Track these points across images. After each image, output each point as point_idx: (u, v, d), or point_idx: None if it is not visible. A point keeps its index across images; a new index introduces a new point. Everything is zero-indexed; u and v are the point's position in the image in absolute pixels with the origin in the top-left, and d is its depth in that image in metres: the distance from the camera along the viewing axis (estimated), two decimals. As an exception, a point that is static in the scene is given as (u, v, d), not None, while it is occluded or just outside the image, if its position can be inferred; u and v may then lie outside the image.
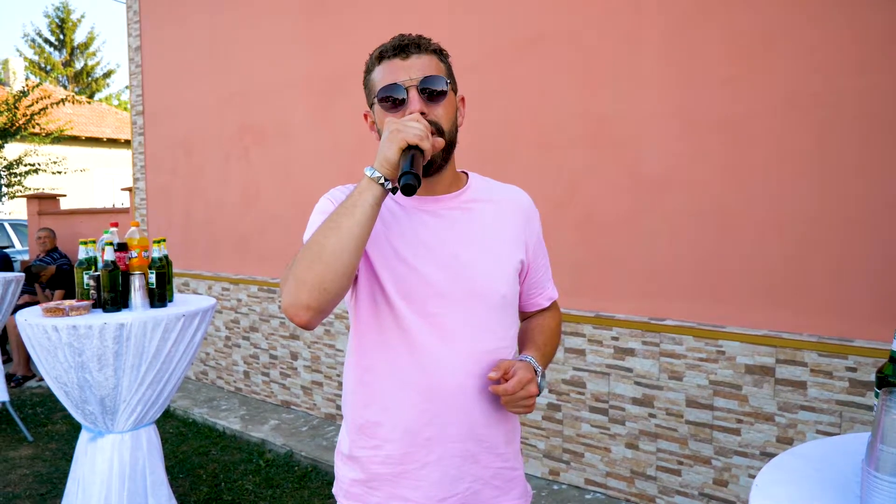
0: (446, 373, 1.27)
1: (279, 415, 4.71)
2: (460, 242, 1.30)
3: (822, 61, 2.63)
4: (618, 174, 3.18)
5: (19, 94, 10.55)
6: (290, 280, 1.13)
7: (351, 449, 1.35)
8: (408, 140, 1.13)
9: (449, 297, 1.27)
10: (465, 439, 1.29)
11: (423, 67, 1.26)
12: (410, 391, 1.27)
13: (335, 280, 1.11)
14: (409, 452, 1.28)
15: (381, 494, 1.31)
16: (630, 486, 3.18)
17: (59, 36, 26.16)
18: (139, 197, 6.26)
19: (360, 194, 1.15)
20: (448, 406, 1.27)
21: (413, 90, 1.25)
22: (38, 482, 3.74)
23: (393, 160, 1.13)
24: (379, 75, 1.29)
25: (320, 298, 1.11)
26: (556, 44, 3.35)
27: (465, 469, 1.30)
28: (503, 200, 1.40)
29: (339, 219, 1.13)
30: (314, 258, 1.12)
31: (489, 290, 1.30)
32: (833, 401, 2.63)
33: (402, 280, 1.26)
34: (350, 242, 1.12)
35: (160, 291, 2.71)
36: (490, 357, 1.30)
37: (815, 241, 2.67)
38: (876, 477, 0.84)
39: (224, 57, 5.27)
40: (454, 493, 1.30)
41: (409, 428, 1.28)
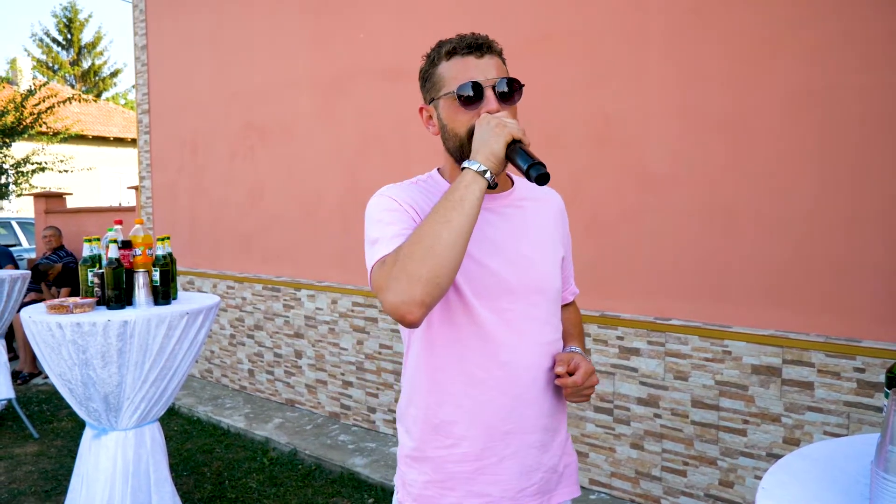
0: (521, 366, 1.31)
1: (283, 413, 4.71)
2: (521, 239, 1.36)
3: (825, 60, 2.61)
4: (623, 173, 3.16)
5: (26, 92, 10.59)
6: (399, 278, 1.11)
7: (423, 450, 1.35)
8: (513, 134, 1.18)
9: (516, 291, 1.31)
10: (538, 430, 1.34)
11: (497, 68, 1.30)
12: (487, 386, 1.30)
13: (448, 274, 1.12)
14: (487, 447, 1.30)
15: (457, 493, 1.32)
16: (635, 486, 3.16)
17: (67, 35, 26.26)
18: (145, 195, 6.28)
19: (467, 188, 1.15)
20: (523, 398, 1.31)
21: (489, 90, 1.27)
22: (44, 479, 3.75)
23: (500, 154, 1.17)
24: (450, 71, 1.30)
25: (433, 293, 1.12)
26: (560, 44, 3.33)
27: (540, 459, 1.35)
28: (543, 199, 1.48)
29: (449, 213, 1.13)
30: (426, 253, 1.11)
31: (548, 284, 1.37)
32: (840, 402, 2.61)
33: (474, 277, 1.28)
34: (462, 236, 1.13)
35: (164, 289, 2.70)
36: (551, 348, 1.36)
37: (822, 240, 2.65)
38: (885, 478, 0.82)
39: (229, 55, 5.28)
40: (530, 484, 1.34)
41: (488, 423, 1.30)
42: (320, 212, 4.55)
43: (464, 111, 1.27)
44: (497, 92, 1.28)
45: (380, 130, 4.20)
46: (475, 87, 1.26)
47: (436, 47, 1.34)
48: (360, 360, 4.36)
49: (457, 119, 1.28)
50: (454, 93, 1.27)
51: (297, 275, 4.79)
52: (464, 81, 1.26)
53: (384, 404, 4.23)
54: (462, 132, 1.28)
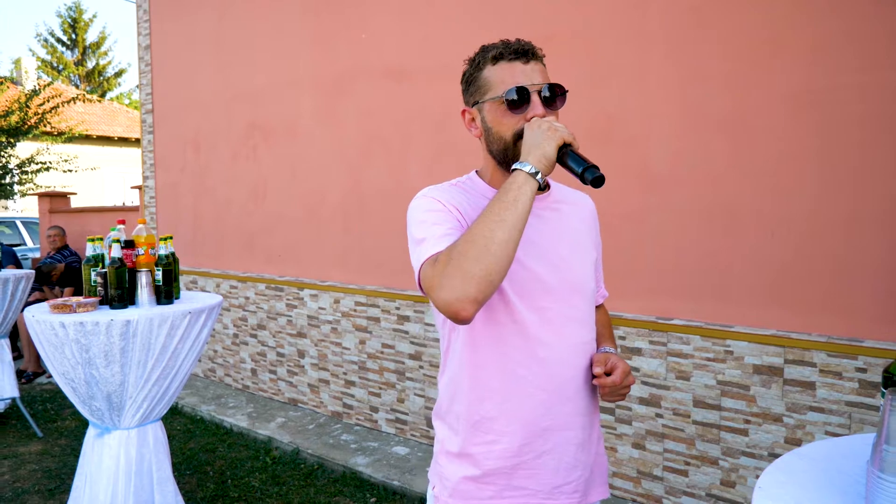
0: (560, 364, 1.34)
1: (286, 412, 4.72)
2: (559, 240, 1.39)
3: (826, 59, 2.60)
4: (625, 173, 3.16)
5: (31, 92, 10.62)
6: (454, 276, 1.14)
7: (463, 447, 1.37)
8: (564, 138, 1.22)
9: (555, 291, 1.34)
10: (576, 427, 1.37)
11: (542, 74, 1.34)
12: (527, 384, 1.32)
13: (500, 272, 1.16)
14: (527, 444, 1.33)
15: (494, 488, 1.35)
16: (637, 486, 3.16)
17: (72, 35, 26.34)
18: (148, 195, 6.29)
19: (520, 189, 1.18)
20: (562, 396, 1.34)
21: (536, 95, 1.31)
22: (47, 477, 3.77)
23: (552, 157, 1.22)
24: (497, 75, 1.33)
25: (487, 291, 1.15)
26: (563, 43, 3.33)
27: (579, 456, 1.38)
28: (578, 203, 1.52)
29: (503, 213, 1.16)
30: (482, 252, 1.14)
31: (584, 284, 1.41)
32: (842, 402, 2.60)
33: (516, 277, 1.31)
34: (515, 235, 1.16)
35: (167, 288, 2.71)
36: (588, 348, 1.40)
37: (824, 240, 2.64)
38: (881, 478, 0.83)
39: (232, 55, 5.29)
40: (568, 481, 1.36)
41: (527, 420, 1.33)
42: (323, 211, 4.56)
43: (510, 115, 1.31)
44: (543, 97, 1.31)
45: (382, 130, 4.21)
46: (522, 91, 1.29)
47: (480, 51, 1.38)
48: (362, 359, 4.37)
49: (503, 122, 1.32)
50: (501, 97, 1.31)
51: (299, 274, 4.80)
52: (511, 86, 1.30)
53: (386, 404, 4.24)
54: (508, 136, 1.32)
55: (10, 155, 10.59)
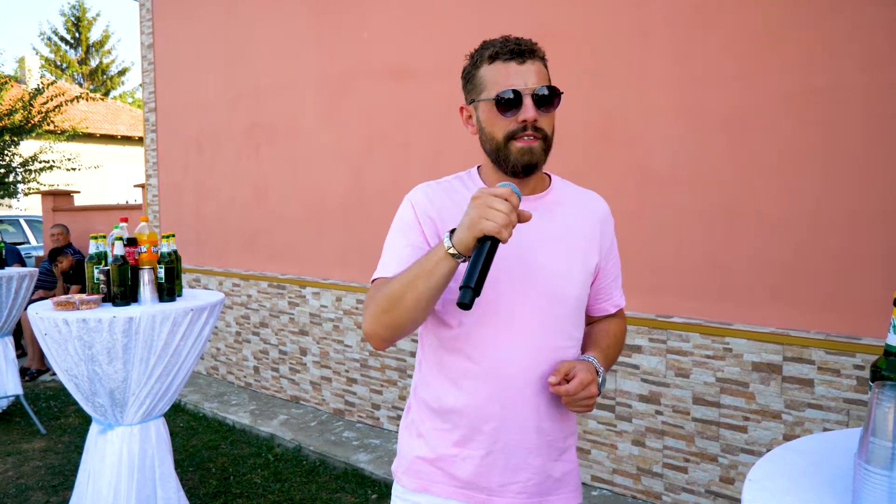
0: (519, 366, 1.32)
1: (288, 410, 4.74)
2: (541, 242, 1.35)
3: (827, 58, 2.61)
4: (624, 171, 3.17)
5: (34, 91, 10.66)
6: (371, 311, 1.27)
7: (422, 428, 1.41)
8: (485, 231, 1.12)
9: (524, 294, 1.32)
10: (529, 431, 1.35)
11: (537, 75, 1.31)
12: (482, 381, 1.33)
13: (409, 325, 1.25)
14: (476, 440, 1.34)
15: (442, 474, 1.38)
16: (636, 482, 3.17)
17: (75, 34, 26.41)
18: (151, 193, 6.32)
19: (437, 264, 1.19)
20: (516, 398, 1.33)
21: (528, 97, 1.29)
22: (51, 474, 3.79)
23: (469, 245, 1.15)
24: (491, 75, 1.32)
25: (394, 335, 1.27)
26: (562, 42, 3.34)
27: (528, 460, 1.36)
28: (583, 204, 1.48)
29: (417, 281, 1.21)
30: (391, 306, 1.24)
31: (563, 290, 1.36)
32: (840, 399, 2.61)
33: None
34: (424, 302, 1.22)
35: (169, 286, 2.73)
36: (558, 354, 1.36)
37: (823, 238, 2.65)
38: (867, 469, 0.84)
39: (235, 54, 5.31)
40: (515, 482, 1.36)
41: (480, 416, 1.33)
42: (325, 210, 4.58)
43: (502, 117, 1.30)
44: (535, 99, 1.29)
45: (384, 129, 4.22)
46: (514, 94, 1.28)
47: (479, 48, 1.37)
48: (364, 357, 4.39)
49: (495, 124, 1.31)
50: (493, 98, 1.30)
51: (301, 273, 4.82)
52: (504, 87, 1.29)
53: (388, 401, 4.26)
54: (499, 137, 1.31)
55: (13, 153, 10.63)
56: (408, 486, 1.42)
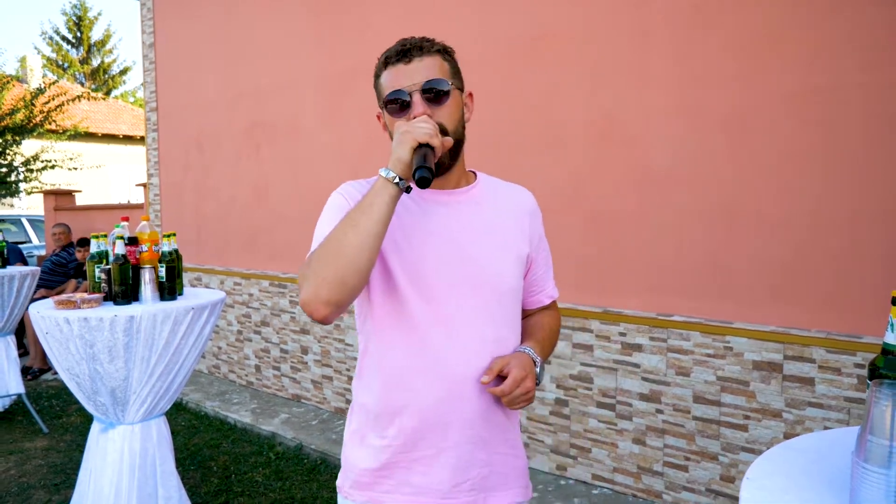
0: (458, 361, 1.30)
1: (290, 408, 4.75)
2: (470, 233, 1.35)
3: (827, 58, 2.61)
4: (625, 171, 3.17)
5: (36, 90, 10.67)
6: (309, 276, 1.17)
7: (365, 438, 1.37)
8: (417, 139, 1.18)
9: (458, 286, 1.31)
10: (476, 426, 1.33)
11: (425, 71, 1.30)
12: (426, 378, 1.30)
13: (354, 276, 1.16)
14: (425, 438, 1.31)
15: (391, 483, 1.34)
16: (637, 481, 3.18)
17: (77, 33, 26.42)
18: (153, 193, 6.33)
19: (377, 194, 1.18)
20: (458, 393, 1.31)
21: (416, 94, 1.29)
22: (53, 472, 3.80)
23: (406, 160, 1.18)
24: (386, 80, 1.34)
25: (340, 294, 1.16)
26: (563, 41, 3.35)
27: (477, 455, 1.34)
28: (510, 198, 1.46)
29: (358, 217, 1.17)
30: (334, 255, 1.16)
31: (496, 279, 1.35)
32: (841, 397, 2.61)
33: (412, 269, 1.30)
34: (368, 239, 1.16)
35: (170, 285, 2.74)
36: (498, 345, 1.34)
37: (823, 237, 2.65)
38: (865, 468, 0.84)
39: (236, 54, 5.31)
40: (466, 479, 1.33)
41: (427, 414, 1.31)
42: (326, 209, 4.57)
43: (396, 119, 1.31)
44: (423, 96, 1.29)
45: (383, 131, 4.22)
46: (396, 94, 1.30)
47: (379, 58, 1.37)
48: (365, 355, 4.39)
49: (394, 126, 1.31)
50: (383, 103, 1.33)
51: (302, 271, 4.82)
52: (391, 89, 1.31)
53: (389, 400, 4.26)
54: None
55: (15, 153, 10.64)
56: (357, 500, 1.37)
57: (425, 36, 1.35)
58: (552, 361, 3.42)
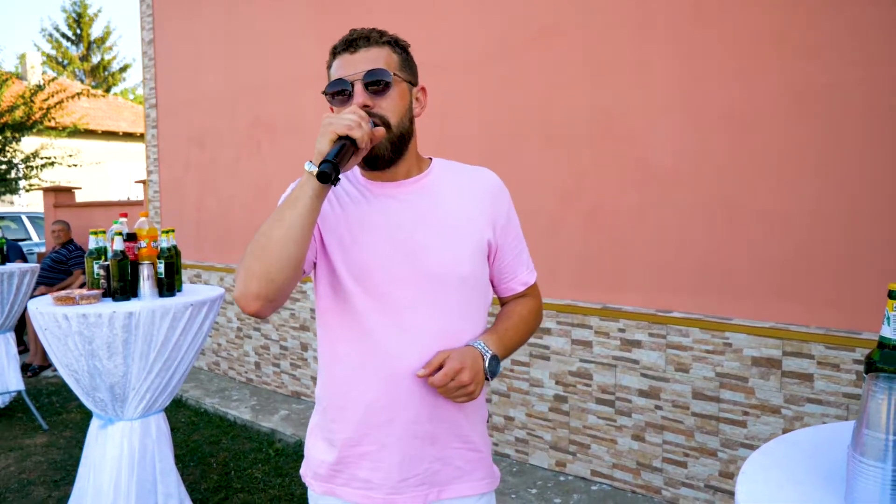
0: (401, 355, 1.28)
1: (289, 405, 4.75)
2: (417, 224, 1.31)
3: (828, 55, 2.61)
4: (625, 167, 3.17)
5: (35, 87, 10.66)
6: (240, 271, 1.18)
7: (319, 430, 1.40)
8: (337, 131, 1.16)
9: (402, 278, 1.29)
10: (423, 421, 1.30)
11: (369, 61, 1.28)
12: (368, 373, 1.29)
13: (281, 270, 1.16)
14: (368, 434, 1.31)
15: (344, 476, 1.35)
16: (636, 477, 3.18)
17: (76, 30, 26.37)
18: (153, 190, 6.33)
19: (301, 188, 1.18)
20: (405, 388, 1.28)
21: (358, 84, 1.27)
22: (53, 469, 3.81)
23: (325, 152, 1.16)
24: (332, 70, 1.33)
25: (268, 288, 1.16)
26: (563, 38, 3.34)
27: (425, 450, 1.32)
28: (467, 182, 1.40)
29: (283, 212, 1.17)
30: (261, 250, 1.16)
31: (446, 271, 1.30)
32: (840, 393, 2.62)
33: (356, 263, 1.29)
34: (293, 232, 1.15)
35: (169, 281, 2.74)
36: (450, 338, 1.30)
37: (823, 234, 2.65)
38: (861, 461, 0.84)
39: (236, 50, 5.31)
40: (414, 474, 1.32)
41: (368, 410, 1.30)
42: (325, 205, 4.57)
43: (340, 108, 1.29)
44: (365, 84, 1.27)
45: (384, 124, 4.22)
46: (337, 83, 1.29)
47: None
48: (364, 352, 4.39)
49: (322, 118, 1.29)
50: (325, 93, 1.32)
51: (302, 268, 4.82)
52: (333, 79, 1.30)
53: (388, 396, 4.26)
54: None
55: (14, 150, 10.63)
56: (316, 491, 1.39)
57: (376, 27, 1.34)
58: (551, 358, 3.42)
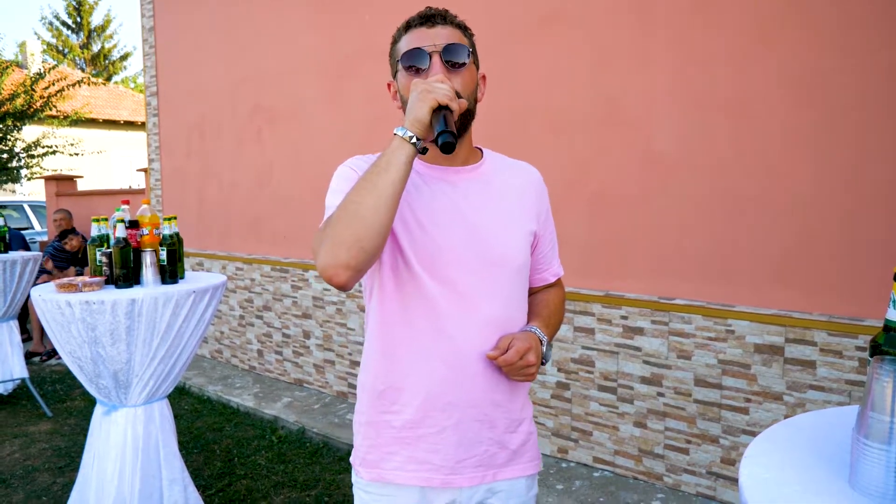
0: (466, 339, 1.30)
1: (292, 392, 4.77)
2: (478, 211, 1.34)
3: (830, 42, 2.59)
4: (628, 154, 3.16)
5: (36, 76, 10.62)
6: (326, 241, 1.14)
7: (370, 416, 1.38)
8: (438, 100, 1.17)
9: (467, 264, 1.30)
10: (482, 404, 1.32)
11: (447, 37, 1.30)
12: (431, 357, 1.30)
13: (372, 238, 1.14)
14: (428, 416, 1.31)
15: (398, 459, 1.34)
16: (638, 464, 3.19)
17: (77, 18, 26.27)
18: (154, 178, 6.32)
19: (393, 153, 1.16)
20: (467, 371, 1.30)
21: (436, 56, 1.28)
22: (57, 456, 3.83)
23: (425, 120, 1.17)
24: (404, 43, 1.33)
25: (358, 257, 1.13)
26: (566, 25, 3.32)
27: (483, 433, 1.34)
28: (517, 174, 1.45)
29: (374, 178, 1.15)
30: (351, 217, 1.14)
31: (505, 257, 1.34)
32: (842, 380, 2.62)
33: (423, 248, 1.29)
34: (386, 200, 1.14)
35: (171, 268, 2.74)
36: (507, 324, 1.34)
37: (825, 220, 2.64)
38: (865, 444, 0.84)
39: (237, 38, 5.28)
40: (471, 455, 1.34)
41: (430, 393, 1.31)
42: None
43: (412, 79, 1.29)
44: (443, 59, 1.28)
45: (387, 112, 4.20)
46: (415, 52, 1.28)
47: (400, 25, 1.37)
48: (366, 340, 4.39)
49: (408, 88, 1.29)
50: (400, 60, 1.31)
51: (305, 256, 4.83)
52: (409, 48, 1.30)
53: (391, 384, 4.27)
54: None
55: (15, 139, 10.61)
56: (365, 478, 1.38)
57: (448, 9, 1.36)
58: (553, 345, 3.42)
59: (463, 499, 1.35)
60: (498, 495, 1.38)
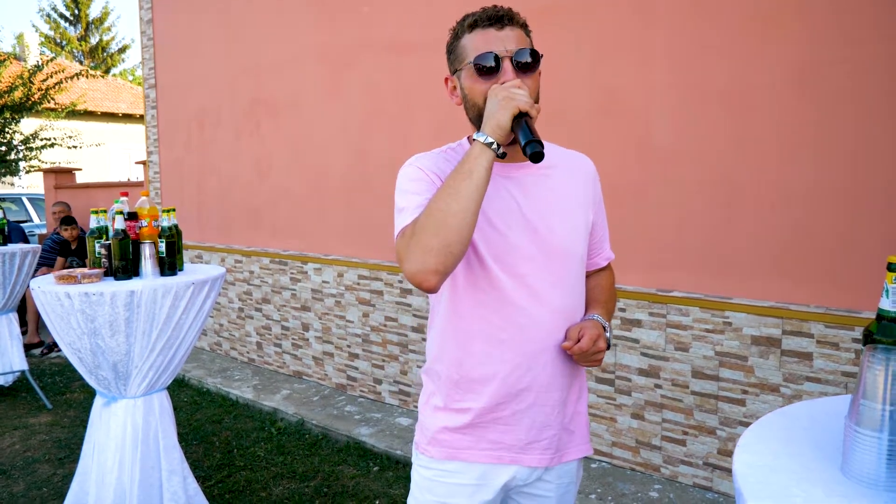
0: (538, 329, 1.36)
1: (291, 385, 4.78)
2: (543, 207, 1.39)
3: (827, 33, 2.59)
4: (626, 145, 3.16)
5: (34, 68, 10.59)
6: (414, 248, 1.20)
7: (445, 402, 1.44)
8: (520, 107, 1.21)
9: (535, 258, 1.36)
10: (553, 389, 1.40)
11: (516, 40, 1.33)
12: (505, 348, 1.36)
13: (460, 242, 1.20)
14: (503, 403, 1.38)
15: (470, 440, 1.41)
16: (635, 455, 3.21)
17: (74, 11, 26.18)
18: (153, 170, 6.31)
19: (476, 159, 1.21)
20: (539, 360, 1.37)
21: (507, 61, 1.31)
22: (57, 447, 3.84)
23: (506, 126, 1.21)
24: (471, 43, 1.35)
25: (447, 262, 1.19)
26: (565, 15, 3.31)
27: (553, 417, 1.42)
28: (572, 166, 1.50)
29: (458, 184, 1.20)
30: (439, 225, 1.19)
31: (568, 250, 1.41)
32: (839, 372, 2.63)
33: (494, 244, 1.35)
34: (471, 205, 1.19)
35: (170, 260, 2.74)
36: (572, 313, 1.41)
37: (823, 213, 2.65)
38: (857, 431, 0.85)
39: (236, 30, 5.27)
40: (541, 438, 1.41)
41: (505, 381, 1.37)
42: (327, 186, 4.57)
43: (482, 81, 1.32)
44: (514, 62, 1.31)
45: (385, 104, 4.20)
46: (491, 57, 1.30)
47: (460, 20, 1.39)
48: (365, 332, 4.41)
49: (475, 89, 1.33)
50: (472, 63, 1.33)
51: (304, 248, 4.83)
52: (482, 52, 1.31)
53: (390, 376, 4.29)
54: (480, 102, 1.33)
55: (14, 131, 10.59)
56: (435, 456, 1.44)
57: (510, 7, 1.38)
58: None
59: (522, 475, 1.42)
60: (550, 473, 1.45)
